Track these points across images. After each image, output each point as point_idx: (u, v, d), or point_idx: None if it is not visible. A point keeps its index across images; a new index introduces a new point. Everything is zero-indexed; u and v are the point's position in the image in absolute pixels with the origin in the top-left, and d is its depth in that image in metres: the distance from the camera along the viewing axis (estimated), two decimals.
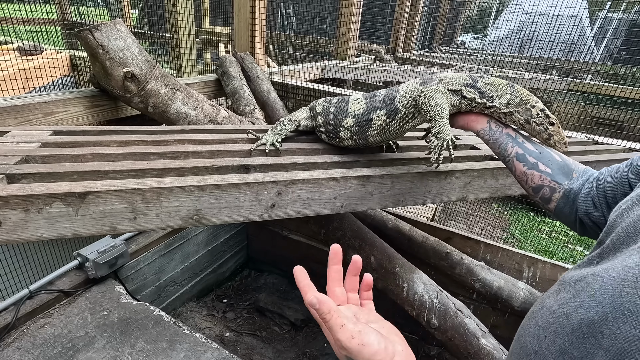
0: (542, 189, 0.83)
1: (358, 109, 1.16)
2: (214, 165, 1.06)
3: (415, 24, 6.06)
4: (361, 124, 1.14)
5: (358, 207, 1.16)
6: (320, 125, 1.26)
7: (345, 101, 1.21)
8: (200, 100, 1.80)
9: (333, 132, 1.22)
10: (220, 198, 0.97)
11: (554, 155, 0.86)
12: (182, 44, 2.24)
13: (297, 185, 1.04)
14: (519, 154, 0.88)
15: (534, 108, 0.93)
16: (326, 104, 1.26)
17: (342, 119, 1.18)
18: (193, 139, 1.25)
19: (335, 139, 1.23)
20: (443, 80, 1.03)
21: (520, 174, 0.88)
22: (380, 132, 1.13)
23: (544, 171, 0.84)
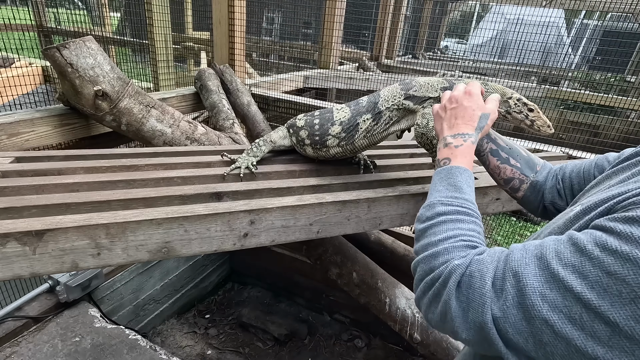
0: (512, 180, 0.93)
1: (343, 116, 1.19)
2: (185, 193, 1.03)
3: (398, 31, 6.12)
4: (348, 129, 1.17)
5: (334, 232, 1.14)
6: (305, 139, 1.25)
7: (329, 112, 1.23)
8: (176, 117, 1.76)
9: (320, 142, 1.22)
10: (190, 229, 0.94)
11: (521, 151, 0.96)
12: (159, 57, 2.19)
13: (270, 213, 1.02)
14: (493, 149, 0.96)
15: (510, 99, 0.97)
16: (309, 118, 1.26)
17: (328, 127, 1.20)
18: (165, 162, 1.21)
19: (322, 149, 1.23)
20: (422, 85, 1.08)
21: (493, 167, 0.97)
22: (367, 134, 1.16)
23: (514, 165, 0.93)
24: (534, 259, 0.46)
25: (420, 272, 0.60)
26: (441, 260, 0.56)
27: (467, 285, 0.51)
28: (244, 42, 2.44)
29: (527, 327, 0.44)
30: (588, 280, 0.40)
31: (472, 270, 0.52)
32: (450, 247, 0.57)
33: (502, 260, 0.50)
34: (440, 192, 0.68)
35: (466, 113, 0.79)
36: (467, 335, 0.50)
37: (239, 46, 2.48)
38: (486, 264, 0.51)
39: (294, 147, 1.36)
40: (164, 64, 2.22)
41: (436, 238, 0.60)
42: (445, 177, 0.70)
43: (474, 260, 0.53)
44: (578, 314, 0.40)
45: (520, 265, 0.47)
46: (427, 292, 0.57)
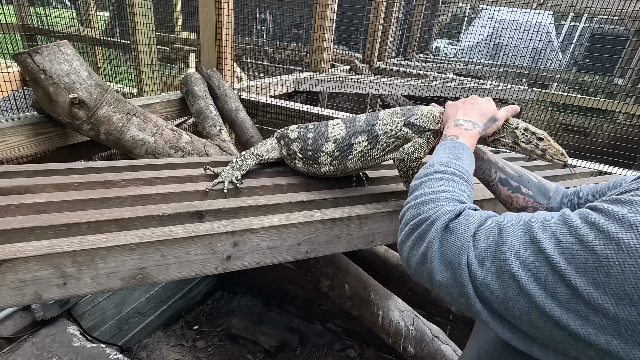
0: (526, 209, 0.92)
1: (338, 133, 1.13)
2: (163, 213, 0.95)
3: (389, 33, 6.09)
4: (342, 149, 1.12)
5: (324, 252, 1.08)
6: (297, 152, 1.20)
7: (323, 126, 1.17)
8: (159, 125, 1.68)
9: (312, 157, 1.16)
10: (167, 254, 0.87)
11: (531, 177, 0.94)
12: (142, 61, 2.10)
13: (255, 234, 0.95)
14: (502, 178, 0.95)
15: (517, 129, 0.94)
16: (302, 130, 1.20)
17: (322, 144, 1.14)
18: (144, 177, 1.14)
19: (313, 165, 1.17)
20: (424, 114, 1.04)
21: (505, 197, 0.95)
22: (361, 158, 1.11)
23: (526, 193, 0.93)
24: (521, 223, 0.49)
25: (407, 216, 0.62)
26: (431, 206, 0.59)
27: (451, 230, 0.54)
28: (232, 46, 2.36)
29: (495, 280, 0.47)
30: (561, 246, 0.43)
31: (461, 219, 0.54)
32: (442, 197, 0.60)
33: (492, 219, 0.53)
34: (441, 157, 0.72)
35: (481, 109, 0.86)
36: (441, 276, 0.52)
37: (227, 49, 2.41)
38: (475, 217, 0.54)
39: (282, 159, 1.30)
40: (147, 68, 2.13)
41: (429, 189, 0.63)
42: (450, 148, 0.74)
43: (465, 211, 0.56)
44: (544, 275, 0.43)
45: (507, 225, 0.49)
46: (411, 234, 0.59)
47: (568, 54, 11.25)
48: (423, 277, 0.57)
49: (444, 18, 10.23)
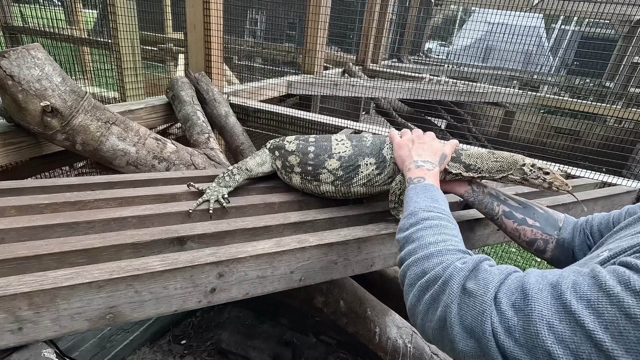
0: (535, 242, 0.88)
1: (344, 151, 1.06)
2: (139, 240, 0.85)
3: (383, 34, 6.03)
4: (347, 168, 1.04)
5: (320, 279, 0.99)
6: (294, 166, 1.10)
7: (326, 140, 1.09)
8: (142, 134, 1.56)
9: (312, 173, 1.08)
10: (142, 290, 0.77)
11: (536, 208, 0.92)
12: (125, 64, 1.98)
13: (243, 263, 0.85)
14: (506, 211, 0.92)
15: (524, 166, 0.93)
16: (302, 143, 1.11)
17: (324, 159, 1.06)
18: (120, 196, 1.03)
19: (313, 182, 1.09)
20: None
21: (512, 230, 0.92)
22: (367, 183, 1.05)
23: (534, 225, 0.90)
24: (549, 287, 0.44)
25: (411, 275, 0.57)
26: (435, 261, 0.55)
27: (469, 292, 0.48)
28: (221, 49, 2.25)
29: (527, 355, 0.41)
30: (603, 319, 0.38)
31: (478, 278, 0.49)
32: (443, 249, 0.56)
33: (514, 278, 0.48)
34: (419, 202, 0.69)
35: (432, 148, 0.89)
36: (465, 345, 0.47)
37: (216, 52, 2.30)
38: (493, 275, 0.49)
39: (275, 173, 1.20)
40: (131, 72, 2.01)
41: (425, 241, 0.59)
42: (423, 191, 0.73)
43: (480, 267, 0.51)
44: (586, 353, 0.37)
45: (532, 288, 0.44)
46: (422, 297, 0.53)
47: (558, 57, 11.36)
48: (444, 345, 0.50)
49: (436, 20, 10.24)
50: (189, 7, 2.11)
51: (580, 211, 1.45)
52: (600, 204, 1.50)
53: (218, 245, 0.92)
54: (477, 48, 7.45)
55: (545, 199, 1.39)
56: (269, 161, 1.17)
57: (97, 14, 8.10)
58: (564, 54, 12.18)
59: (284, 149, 1.13)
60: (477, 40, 8.06)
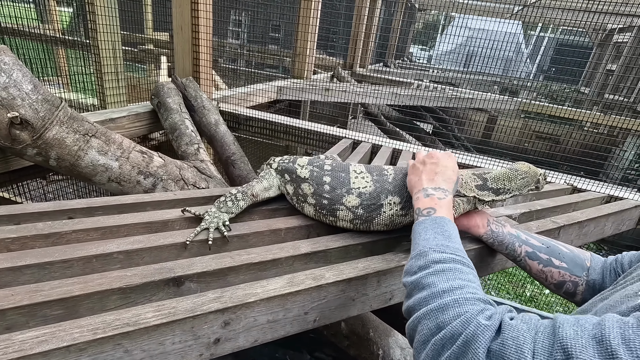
0: (564, 284, 0.82)
1: (364, 186, 0.95)
2: (128, 284, 0.72)
3: (370, 39, 5.99)
4: (369, 207, 0.94)
5: (336, 318, 0.88)
6: (308, 196, 0.99)
7: (344, 171, 0.97)
8: (125, 147, 1.41)
9: (328, 208, 0.96)
10: (133, 349, 0.63)
11: (562, 248, 0.85)
12: (105, 69, 1.81)
13: (252, 308, 0.73)
14: (529, 252, 0.87)
15: (540, 175, 0.93)
16: (316, 169, 0.99)
17: (342, 194, 0.95)
18: (103, 226, 0.89)
19: (328, 217, 0.98)
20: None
21: (537, 272, 0.86)
22: (390, 223, 0.95)
23: (561, 266, 0.83)
24: (592, 342, 0.38)
25: (424, 331, 0.49)
26: (451, 314, 0.48)
27: (499, 355, 0.42)
28: (210, 52, 2.12)
29: None
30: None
31: (505, 338, 0.43)
32: (460, 299, 0.49)
33: (545, 332, 0.42)
34: (429, 240, 0.62)
35: (446, 171, 0.80)
36: None
37: (205, 56, 2.16)
38: (522, 333, 0.43)
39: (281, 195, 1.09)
40: (111, 77, 1.84)
41: (438, 289, 0.52)
42: (432, 226, 0.65)
43: (506, 326, 0.44)
44: None
45: (574, 345, 0.38)
46: (440, 356, 0.46)
47: (536, 64, 11.70)
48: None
49: (418, 25, 10.35)
50: (176, 8, 1.97)
51: (593, 228, 1.40)
52: (611, 219, 1.46)
53: (221, 284, 0.80)
54: (458, 53, 7.54)
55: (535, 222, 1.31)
56: (276, 184, 1.05)
57: (73, 12, 7.71)
58: (541, 61, 12.57)
59: (296, 174, 1.01)
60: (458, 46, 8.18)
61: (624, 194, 1.67)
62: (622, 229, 1.58)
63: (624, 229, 1.60)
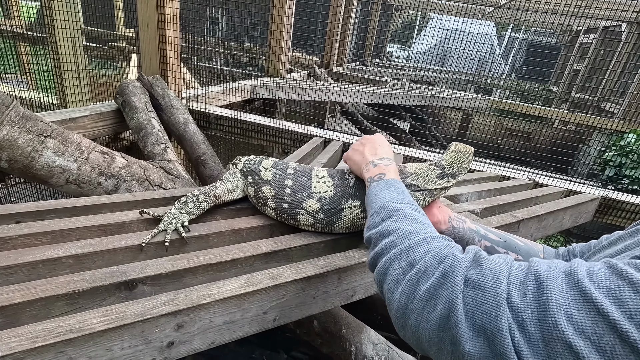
0: None
1: (325, 191, 0.94)
2: (75, 289, 0.69)
3: (347, 38, 6.02)
4: (329, 212, 0.94)
5: (297, 316, 0.88)
6: (268, 199, 0.98)
7: (306, 175, 0.97)
8: (84, 147, 1.36)
9: (288, 212, 0.96)
10: (77, 356, 0.61)
11: (517, 242, 0.87)
12: (64, 66, 1.74)
13: (207, 310, 0.72)
14: (488, 246, 0.89)
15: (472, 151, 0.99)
16: (279, 172, 0.98)
17: (302, 199, 0.94)
18: (53, 229, 0.85)
19: (289, 221, 0.98)
20: (419, 174, 0.95)
21: None
22: (351, 226, 0.95)
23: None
24: (562, 275, 0.40)
25: (396, 271, 0.49)
26: (422, 250, 0.49)
27: (476, 284, 0.43)
28: (178, 50, 2.07)
29: (544, 349, 0.37)
30: (626, 308, 0.35)
31: (483, 268, 0.44)
32: (428, 238, 0.50)
33: (520, 266, 0.44)
34: (386, 197, 0.65)
35: (384, 146, 0.85)
36: (472, 346, 0.41)
37: (173, 54, 2.11)
38: (499, 264, 0.44)
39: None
40: (72, 74, 1.77)
41: (404, 231, 0.53)
42: (386, 186, 0.69)
43: (483, 258, 0.46)
44: (610, 345, 0.35)
45: (546, 276, 0.40)
46: (415, 292, 0.46)
47: (508, 63, 12.08)
48: (442, 348, 0.43)
49: (395, 24, 10.48)
50: (141, 4, 1.91)
51: (552, 221, 1.46)
52: (569, 212, 1.52)
53: (177, 287, 0.78)
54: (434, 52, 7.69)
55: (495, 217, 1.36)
56: (241, 186, 1.04)
57: (39, 6, 7.37)
58: (513, 60, 12.99)
59: (259, 175, 1.00)
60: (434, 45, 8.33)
61: (581, 188, 1.75)
62: (579, 221, 1.65)
63: (582, 222, 1.67)
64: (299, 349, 2.67)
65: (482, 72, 7.85)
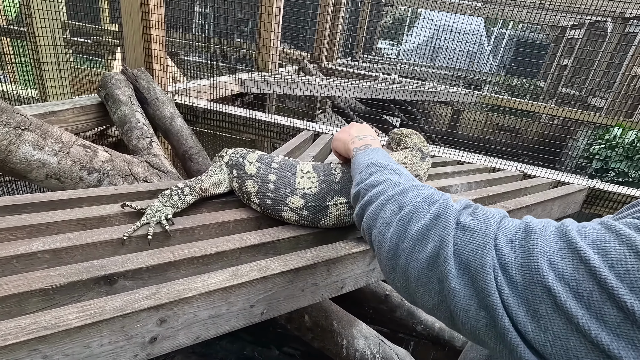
0: None
1: (309, 187, 0.91)
2: (51, 284, 0.66)
3: (337, 33, 5.98)
4: (313, 209, 0.91)
5: (285, 309, 0.86)
6: (252, 194, 0.95)
7: (290, 170, 0.93)
8: (65, 140, 1.32)
9: (272, 208, 0.94)
10: (53, 354, 0.58)
11: None
12: (44, 58, 1.68)
13: (191, 304, 0.70)
14: None
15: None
16: (263, 167, 0.95)
17: (286, 195, 0.92)
18: (29, 223, 0.82)
19: (274, 216, 0.96)
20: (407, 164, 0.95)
21: None
22: (337, 223, 0.94)
23: None
24: (552, 227, 0.41)
25: (387, 214, 0.50)
26: (412, 194, 0.49)
27: (467, 226, 0.44)
28: (163, 42, 2.02)
29: (523, 291, 0.38)
30: (609, 257, 0.36)
31: (476, 214, 0.45)
32: (417, 185, 0.51)
33: (513, 220, 0.44)
34: (372, 159, 0.64)
35: (369, 130, 0.84)
36: (458, 282, 0.42)
37: (158, 46, 2.06)
38: (492, 212, 0.45)
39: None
40: (52, 66, 1.71)
41: (393, 181, 0.53)
42: (372, 152, 0.68)
43: (477, 207, 0.47)
44: (588, 291, 0.36)
45: (535, 226, 0.41)
46: (406, 232, 0.47)
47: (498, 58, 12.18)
48: (429, 286, 0.44)
49: (386, 20, 10.48)
50: None
51: (540, 211, 1.47)
52: (557, 203, 1.53)
53: (160, 281, 0.76)
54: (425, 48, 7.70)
55: (510, 202, 1.37)
56: (227, 180, 1.02)
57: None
58: (502, 56, 13.11)
59: (243, 169, 0.98)
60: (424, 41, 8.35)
61: (569, 179, 1.76)
62: (568, 212, 1.66)
63: (570, 212, 1.68)
64: (290, 345, 2.66)
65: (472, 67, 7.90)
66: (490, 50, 13.70)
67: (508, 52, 12.57)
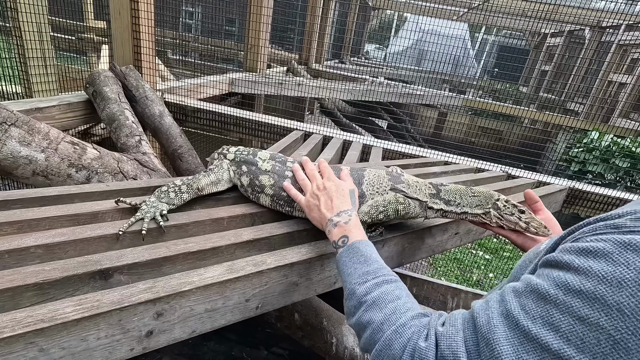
0: None
1: None
2: (46, 278, 0.66)
3: (325, 35, 6.02)
4: None
5: (280, 304, 0.87)
6: (266, 187, 0.99)
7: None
8: (52, 137, 1.29)
9: (286, 199, 0.97)
10: (50, 347, 0.58)
11: None
12: (29, 53, 1.64)
13: (187, 297, 0.70)
14: None
15: (498, 201, 0.92)
16: (278, 164, 1.01)
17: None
18: (20, 219, 0.80)
19: (285, 207, 1.00)
20: (411, 184, 0.98)
21: None
22: None
23: None
24: (501, 319, 0.44)
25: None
26: (398, 346, 0.52)
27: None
28: (152, 39, 2.00)
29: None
30: (562, 332, 0.37)
31: (442, 350, 0.47)
32: (399, 328, 0.54)
33: (469, 328, 0.47)
34: (351, 275, 0.66)
35: (338, 190, 0.84)
36: None
37: (147, 43, 2.04)
38: (453, 338, 0.48)
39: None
40: (38, 62, 1.68)
41: (376, 324, 0.56)
42: (350, 256, 0.69)
43: (439, 336, 0.49)
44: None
45: (489, 330, 0.44)
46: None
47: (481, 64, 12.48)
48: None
49: (372, 24, 10.60)
50: None
51: None
52: None
53: (155, 276, 0.76)
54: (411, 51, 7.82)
55: None
56: (227, 178, 1.04)
57: None
58: (486, 61, 13.44)
59: (256, 166, 1.01)
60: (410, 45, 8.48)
61: (550, 179, 1.83)
62: (549, 210, 1.73)
63: (551, 211, 1.75)
64: (279, 345, 2.66)
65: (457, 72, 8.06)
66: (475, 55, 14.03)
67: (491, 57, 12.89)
